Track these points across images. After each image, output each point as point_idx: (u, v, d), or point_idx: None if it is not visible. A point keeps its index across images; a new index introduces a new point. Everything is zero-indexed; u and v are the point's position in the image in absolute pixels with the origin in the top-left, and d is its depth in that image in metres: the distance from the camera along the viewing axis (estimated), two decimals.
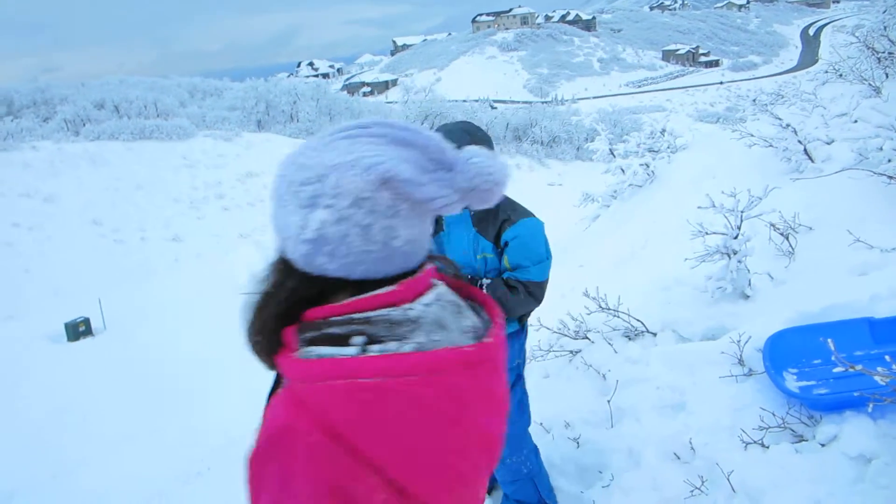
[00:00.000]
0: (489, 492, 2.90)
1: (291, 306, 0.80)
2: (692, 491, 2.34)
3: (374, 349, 0.74)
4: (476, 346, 0.80)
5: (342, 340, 0.75)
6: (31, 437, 9.51)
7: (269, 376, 0.89)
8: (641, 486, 2.48)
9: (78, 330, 13.57)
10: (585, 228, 8.88)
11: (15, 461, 8.75)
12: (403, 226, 0.76)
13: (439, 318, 0.79)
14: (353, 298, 0.77)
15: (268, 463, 0.74)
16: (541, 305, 2.32)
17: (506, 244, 2.22)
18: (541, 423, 3.15)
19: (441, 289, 0.83)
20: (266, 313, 0.81)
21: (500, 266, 2.26)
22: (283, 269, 0.81)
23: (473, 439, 0.80)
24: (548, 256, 2.26)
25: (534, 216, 2.27)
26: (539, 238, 2.24)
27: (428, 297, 0.80)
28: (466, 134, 2.09)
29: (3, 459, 8.82)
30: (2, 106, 33.73)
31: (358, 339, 0.74)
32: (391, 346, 0.74)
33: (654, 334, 3.45)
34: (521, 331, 2.45)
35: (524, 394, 2.52)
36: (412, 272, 0.80)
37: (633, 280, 4.30)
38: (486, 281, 2.24)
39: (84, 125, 27.99)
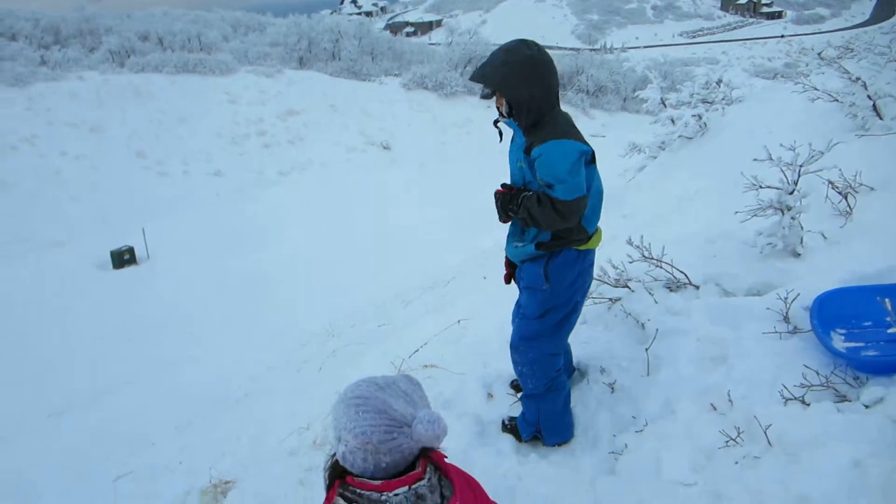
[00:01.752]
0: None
1: (342, 472, 1.39)
2: (727, 442, 2.32)
3: None
4: None
5: (350, 500, 1.33)
6: (80, 358, 9.99)
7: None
8: (675, 434, 2.48)
9: (123, 258, 14.01)
10: (630, 180, 8.67)
11: (65, 381, 9.22)
12: (383, 459, 1.33)
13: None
14: (360, 481, 1.34)
15: None
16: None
17: (534, 160, 2.39)
18: (576, 367, 3.16)
19: (418, 486, 1.35)
20: (332, 472, 1.42)
21: (535, 178, 2.44)
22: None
23: None
24: (571, 178, 2.33)
25: (564, 139, 2.35)
26: (560, 159, 2.33)
27: (401, 490, 1.33)
28: (502, 54, 2.41)
29: (55, 379, 9.32)
30: (49, 35, 34.02)
31: None
32: None
33: (697, 287, 3.38)
34: (544, 256, 2.55)
35: (537, 306, 2.61)
36: (401, 473, 1.35)
37: (678, 232, 4.19)
38: (528, 194, 2.45)
39: (129, 56, 28.16)
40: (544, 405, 2.74)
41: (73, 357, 10.01)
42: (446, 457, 1.48)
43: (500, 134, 2.67)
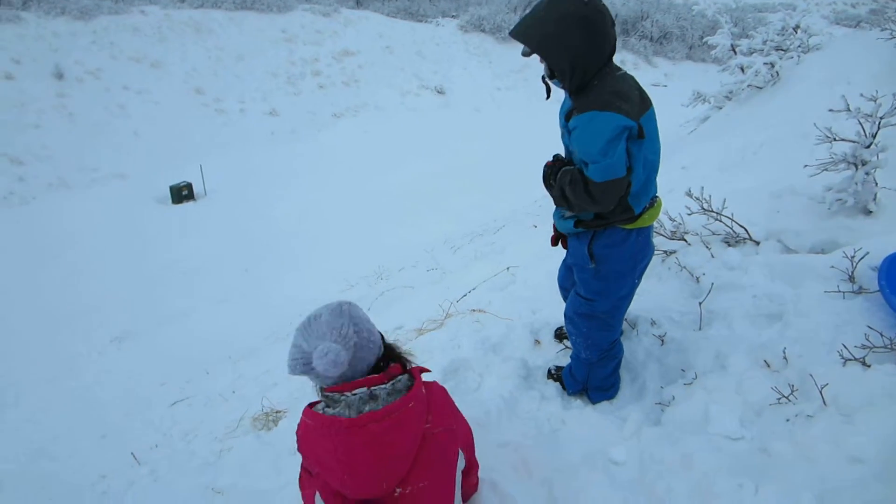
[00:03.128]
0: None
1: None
2: (779, 399, 2.28)
3: (319, 408, 1.74)
4: (354, 419, 1.66)
5: (326, 400, 1.74)
6: (140, 289, 10.46)
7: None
8: (725, 388, 2.44)
9: (181, 193, 14.45)
10: (692, 131, 8.35)
11: (126, 310, 9.70)
12: (312, 381, 1.79)
13: (350, 402, 1.69)
14: (329, 386, 1.74)
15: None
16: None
17: (572, 132, 2.18)
18: (625, 319, 3.13)
19: (376, 388, 1.71)
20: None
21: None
22: None
23: (360, 464, 1.66)
24: (605, 158, 2.06)
25: (605, 111, 2.05)
26: (595, 136, 2.06)
27: (359, 390, 1.69)
28: (545, 7, 2.07)
29: (116, 307, 9.81)
30: None
31: (320, 405, 1.75)
32: (326, 409, 1.71)
33: (757, 243, 3.27)
34: (585, 233, 2.39)
35: (587, 286, 2.50)
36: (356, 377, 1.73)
37: (741, 185, 4.02)
38: (567, 168, 2.24)
39: None
40: (596, 369, 2.70)
41: (133, 287, 10.49)
42: (427, 370, 1.90)
43: (548, 91, 2.31)
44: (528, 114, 18.04)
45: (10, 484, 5.59)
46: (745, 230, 3.32)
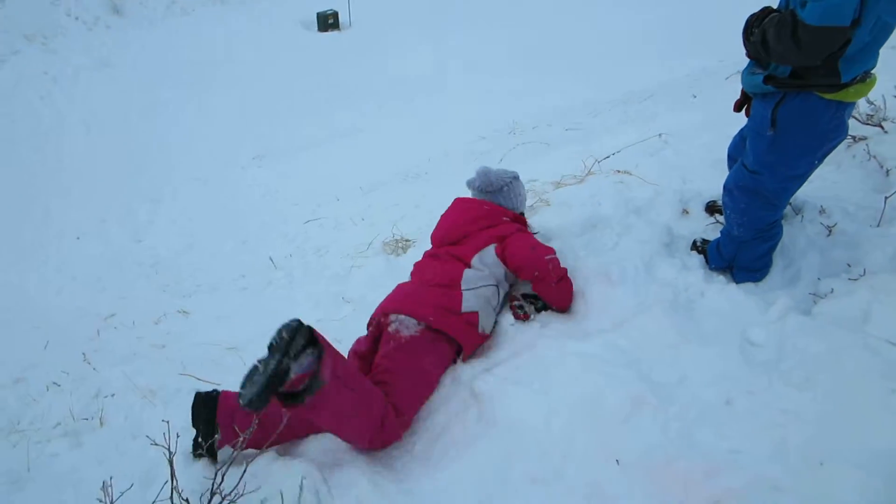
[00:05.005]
0: None
1: None
2: None
3: None
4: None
5: None
6: (281, 111, 10.83)
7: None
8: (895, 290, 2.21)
9: (327, 21, 14.45)
10: None
11: (265, 131, 10.11)
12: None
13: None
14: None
15: None
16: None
17: None
18: (790, 203, 2.87)
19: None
20: None
21: None
22: None
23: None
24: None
25: None
26: None
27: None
28: None
29: (255, 127, 10.24)
30: None
31: None
32: None
33: None
34: (773, 95, 2.09)
35: (757, 156, 2.26)
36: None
37: None
38: (775, 14, 1.96)
39: None
40: (746, 248, 2.52)
41: (275, 108, 10.90)
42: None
43: None
44: None
45: (164, 267, 6.37)
46: None
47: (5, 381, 5.22)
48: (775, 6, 2.09)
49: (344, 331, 2.89)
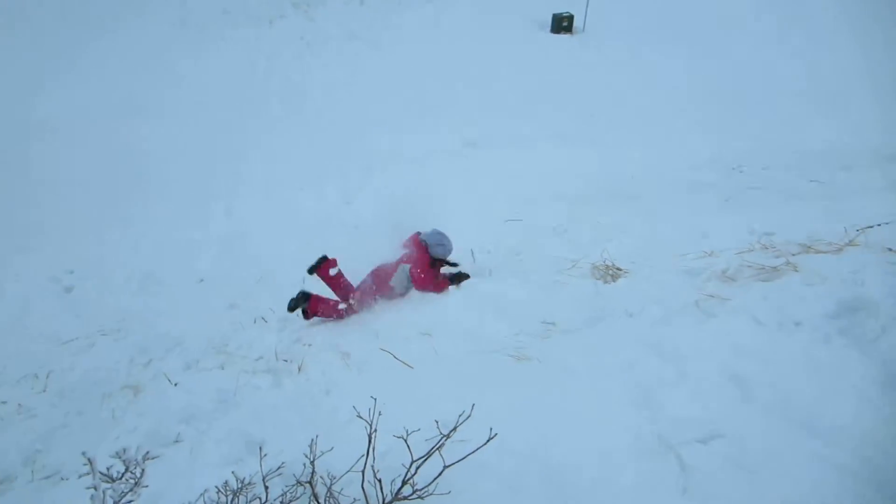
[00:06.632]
0: None
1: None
2: None
3: None
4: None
5: None
6: (491, 104, 10.93)
7: None
8: None
9: (562, 24, 14.36)
10: None
11: (479, 121, 10.26)
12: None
13: None
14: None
15: None
16: None
17: None
18: None
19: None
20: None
21: None
22: None
23: None
24: None
25: None
26: None
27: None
28: None
29: (471, 113, 10.43)
30: None
31: None
32: None
33: None
34: None
35: None
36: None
37: None
38: None
39: None
40: None
41: (485, 100, 10.99)
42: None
43: None
44: None
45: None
46: None
47: (222, 307, 5.90)
48: None
49: None
